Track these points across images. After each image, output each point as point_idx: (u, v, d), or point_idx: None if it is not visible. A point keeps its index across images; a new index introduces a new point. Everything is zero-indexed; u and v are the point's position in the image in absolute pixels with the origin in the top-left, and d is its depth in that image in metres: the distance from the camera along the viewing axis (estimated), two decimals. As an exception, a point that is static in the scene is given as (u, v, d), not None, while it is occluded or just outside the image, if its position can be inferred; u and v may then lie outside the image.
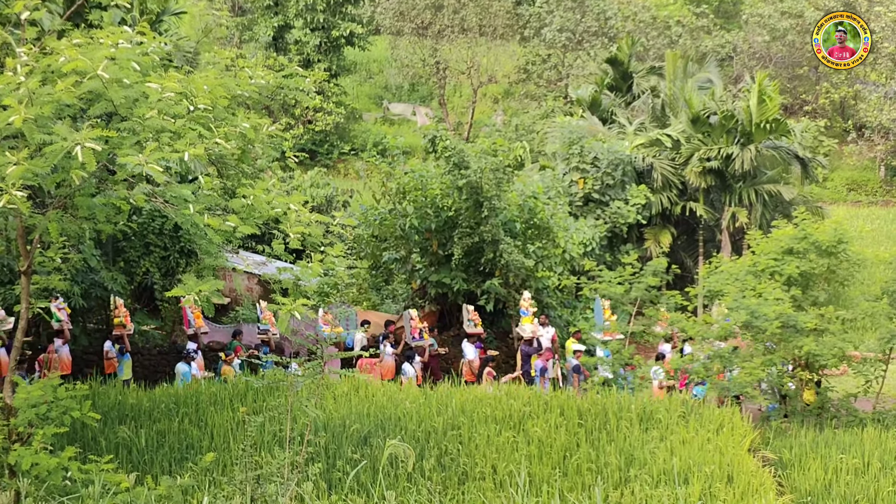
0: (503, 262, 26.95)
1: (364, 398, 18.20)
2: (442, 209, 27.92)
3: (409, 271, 29.57)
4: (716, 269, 22.86)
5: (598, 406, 17.36)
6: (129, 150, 10.96)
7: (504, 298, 27.56)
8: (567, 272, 29.26)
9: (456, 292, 27.87)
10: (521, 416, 16.75)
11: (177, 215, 11.73)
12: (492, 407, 17.17)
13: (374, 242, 29.80)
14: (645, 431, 16.40)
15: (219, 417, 16.74)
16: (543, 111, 51.32)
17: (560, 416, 16.74)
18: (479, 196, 26.72)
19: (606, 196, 34.91)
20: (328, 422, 15.93)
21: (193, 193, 11.72)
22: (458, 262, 27.48)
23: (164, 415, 17.06)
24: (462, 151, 27.20)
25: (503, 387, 19.64)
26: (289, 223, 12.45)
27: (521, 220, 28.59)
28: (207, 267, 15.03)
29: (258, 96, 14.25)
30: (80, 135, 10.46)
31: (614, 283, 22.96)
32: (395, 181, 28.65)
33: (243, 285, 29.98)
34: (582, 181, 34.75)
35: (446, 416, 16.63)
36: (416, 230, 27.99)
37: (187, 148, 11.05)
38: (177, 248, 25.09)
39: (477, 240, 27.07)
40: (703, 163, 34.83)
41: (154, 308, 27.25)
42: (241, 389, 18.39)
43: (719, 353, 20.05)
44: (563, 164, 35.75)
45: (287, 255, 13.74)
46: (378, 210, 29.25)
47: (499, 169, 26.92)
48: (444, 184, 27.75)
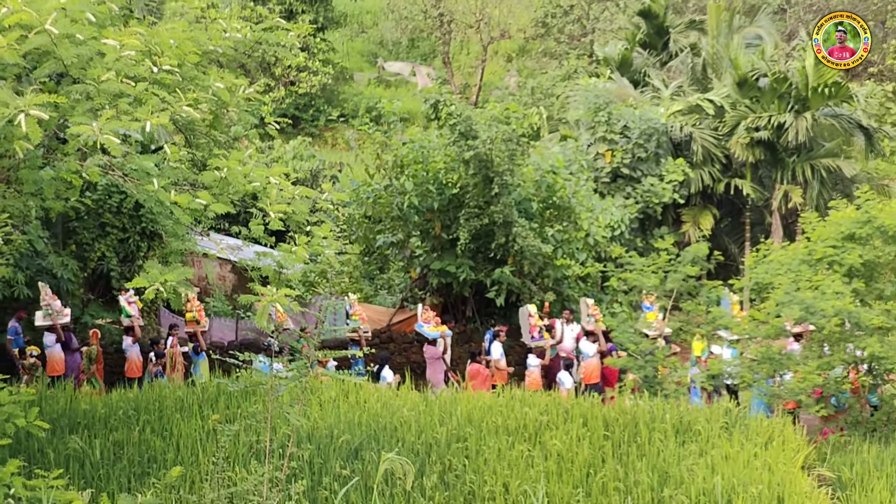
0: (517, 248, 26.97)
1: (355, 404, 18.16)
2: (446, 186, 27.94)
3: (407, 258, 29.60)
4: (764, 258, 22.83)
5: (626, 415, 17.30)
6: (81, 117, 10.89)
7: (518, 290, 27.61)
8: (591, 259, 29.27)
9: (461, 282, 27.94)
10: (538, 427, 16.70)
11: (138, 191, 11.66)
12: (503, 416, 17.13)
13: (366, 224, 29.81)
14: (682, 445, 16.34)
15: (186, 426, 16.67)
16: (564, 72, 51.29)
17: (583, 426, 16.70)
18: (488, 171, 26.74)
19: (638, 171, 34.91)
20: (313, 431, 15.90)
21: (157, 166, 11.70)
22: (465, 247, 27.50)
23: (122, 423, 16.99)
24: (469, 119, 27.17)
25: (516, 393, 19.62)
26: (269, 200, 12.37)
27: (537, 199, 28.62)
28: (174, 252, 14.93)
29: (233, 53, 14.23)
30: (24, 100, 10.36)
31: (646, 272, 22.95)
32: (392, 153, 28.70)
33: (215, 273, 30.03)
34: (609, 154, 34.73)
35: (450, 426, 16.58)
36: (416, 210, 28.03)
37: (149, 116, 10.98)
38: (137, 229, 25.10)
39: (486, 221, 27.09)
40: (750, 133, 34.79)
41: (111, 299, 27.25)
42: (212, 394, 18.35)
43: (769, 356, 20.03)
44: (587, 134, 35.74)
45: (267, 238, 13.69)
46: (371, 186, 29.27)
47: (512, 139, 26.94)
48: (449, 156, 27.77)
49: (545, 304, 26.99)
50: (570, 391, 22.38)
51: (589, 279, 29.75)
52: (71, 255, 24.56)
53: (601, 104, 35.64)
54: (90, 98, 11.25)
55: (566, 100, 42.50)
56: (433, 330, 25.06)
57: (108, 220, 24.80)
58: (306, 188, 12.80)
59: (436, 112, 29.21)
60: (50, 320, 22.70)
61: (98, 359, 23.03)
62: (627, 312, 25.69)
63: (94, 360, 22.89)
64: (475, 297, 28.67)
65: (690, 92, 39.00)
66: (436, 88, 30.92)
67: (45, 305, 22.83)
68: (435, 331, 25.02)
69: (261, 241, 13.93)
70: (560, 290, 28.11)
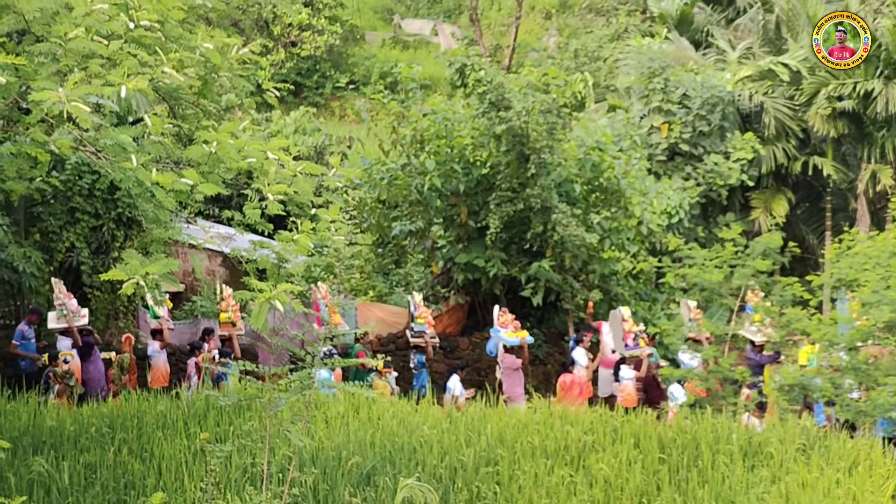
0: (556, 238, 26.88)
1: (367, 421, 18.12)
2: (473, 165, 27.92)
3: (427, 249, 29.58)
4: (848, 250, 22.73)
5: (685, 435, 17.28)
6: (45, 82, 10.85)
7: (558, 287, 27.55)
8: (644, 252, 29.22)
9: (492, 279, 27.92)
10: (581, 448, 16.68)
11: (113, 170, 11.64)
12: (541, 435, 17.11)
13: (380, 210, 29.80)
14: (750, 470, 16.31)
15: (169, 446, 16.65)
16: (613, 31, 51.22)
17: (634, 448, 16.68)
18: (523, 147, 26.71)
19: (699, 148, 34.86)
20: (318, 453, 15.84)
21: (136, 140, 11.65)
22: (496, 237, 27.44)
23: (95, 442, 16.99)
24: (501, 86, 27.14)
25: (555, 409, 19.57)
26: (266, 179, 12.30)
27: (581, 181, 28.56)
28: (156, 241, 14.83)
29: (224, 7, 14.20)
30: (-23, 62, 10.40)
31: (709, 266, 22.88)
32: (410, 126, 28.63)
33: (203, 266, 30.05)
34: (666, 127, 34.68)
35: (479, 447, 16.54)
36: (439, 193, 27.99)
37: (125, 80, 10.93)
38: (112, 215, 25.10)
39: (521, 207, 27.05)
40: (832, 103, 34.66)
41: (81, 296, 27.24)
42: (200, 409, 18.36)
43: (853, 365, 19.93)
44: (640, 104, 35.70)
45: (264, 224, 13.64)
46: (386, 165, 29.25)
47: (551, 110, 26.88)
48: (477, 130, 27.75)
49: (589, 304, 26.90)
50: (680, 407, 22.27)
51: (641, 275, 29.70)
52: (35, 246, 24.54)
53: (656, 69, 35.56)
54: (56, 60, 11.21)
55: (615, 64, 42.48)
56: (511, 335, 24.98)
57: (79, 204, 24.77)
58: (311, 164, 12.75)
59: (462, 78, 29.18)
60: (65, 322, 22.76)
61: (131, 367, 23.11)
62: (686, 314, 25.62)
63: (127, 368, 22.96)
64: (507, 297, 28.59)
65: (761, 55, 38.88)
66: (462, 50, 30.88)
67: (58, 305, 22.84)
68: (514, 336, 24.93)
69: (257, 228, 13.89)
70: (607, 287, 28.06)
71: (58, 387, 21.36)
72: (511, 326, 25.20)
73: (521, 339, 24.82)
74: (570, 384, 23.27)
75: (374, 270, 32.00)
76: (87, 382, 22.47)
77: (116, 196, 24.51)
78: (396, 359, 25.78)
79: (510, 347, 24.64)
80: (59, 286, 22.90)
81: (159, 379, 23.10)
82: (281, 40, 52.34)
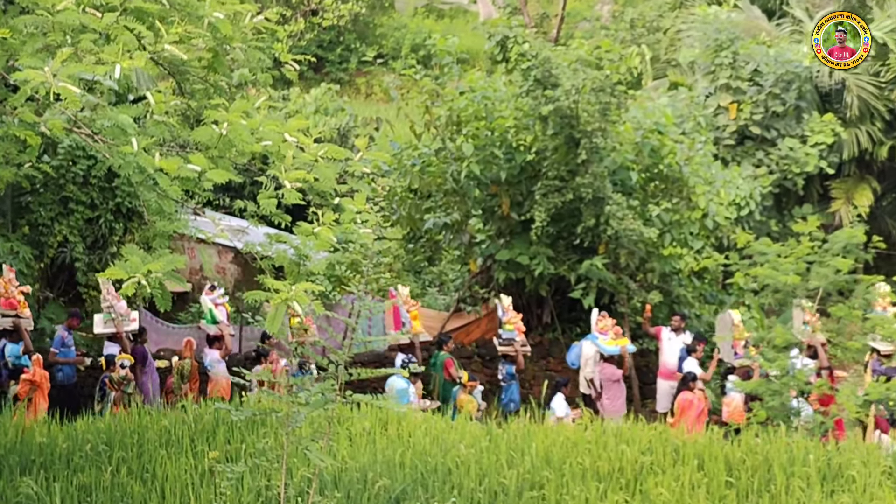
0: (610, 233, 26.84)
1: (396, 439, 18.14)
2: (516, 150, 27.95)
3: (464, 245, 29.61)
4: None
5: (756, 455, 17.24)
6: (31, 59, 10.86)
7: (612, 288, 27.56)
8: (710, 248, 29.13)
9: (537, 278, 27.90)
10: (638, 470, 16.67)
11: (112, 154, 11.66)
12: (592, 455, 17.09)
13: (411, 200, 29.84)
14: (829, 496, 16.26)
15: (174, 466, 16.72)
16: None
17: (698, 470, 16.65)
18: (573, 130, 26.68)
19: (773, 131, 34.74)
20: (342, 474, 15.85)
21: (137, 121, 11.65)
22: (541, 231, 27.33)
23: (91, 461, 17.05)
24: (548, 61, 27.11)
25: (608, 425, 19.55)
26: (283, 164, 12.31)
27: (638, 168, 28.53)
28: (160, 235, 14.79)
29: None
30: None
31: (784, 265, 22.76)
32: (446, 106, 28.65)
33: (213, 263, 30.11)
34: (735, 107, 34.60)
35: (522, 469, 16.51)
36: (477, 181, 28.00)
37: (121, 58, 10.94)
38: (110, 206, 25.23)
39: (570, 197, 27.00)
40: (924, 80, 34.51)
41: (75, 297, 27.34)
42: (208, 424, 18.42)
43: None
44: (705, 81, 35.62)
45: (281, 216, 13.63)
46: (418, 150, 29.27)
47: (604, 88, 26.83)
48: (521, 110, 27.75)
49: (646, 307, 26.82)
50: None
51: (706, 275, 29.61)
52: (23, 240, 24.65)
53: (724, 41, 35.44)
54: (43, 33, 11.19)
55: (677, 35, 42.33)
56: (611, 344, 25.10)
57: (72, 193, 24.89)
58: (334, 147, 12.75)
59: (503, 52, 29.19)
60: (112, 326, 22.84)
61: (192, 375, 23.18)
62: (758, 319, 25.42)
63: (188, 376, 23.08)
64: (554, 298, 28.61)
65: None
66: (503, 20, 30.87)
67: (106, 307, 22.93)
68: (613, 345, 25.07)
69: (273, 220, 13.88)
70: (668, 288, 28.00)
71: (114, 394, 21.41)
72: (611, 333, 25.28)
73: (622, 349, 25.01)
74: (688, 404, 22.94)
75: (404, 269, 32.01)
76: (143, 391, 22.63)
77: (115, 184, 24.63)
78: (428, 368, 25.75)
79: (609, 357, 24.74)
80: (108, 286, 22.95)
81: (220, 392, 23.01)
82: (300, 8, 52.52)
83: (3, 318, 22.84)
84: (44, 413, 21.16)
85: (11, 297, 22.90)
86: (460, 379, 23.67)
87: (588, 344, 25.57)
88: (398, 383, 22.51)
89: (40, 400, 21.89)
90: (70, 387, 22.84)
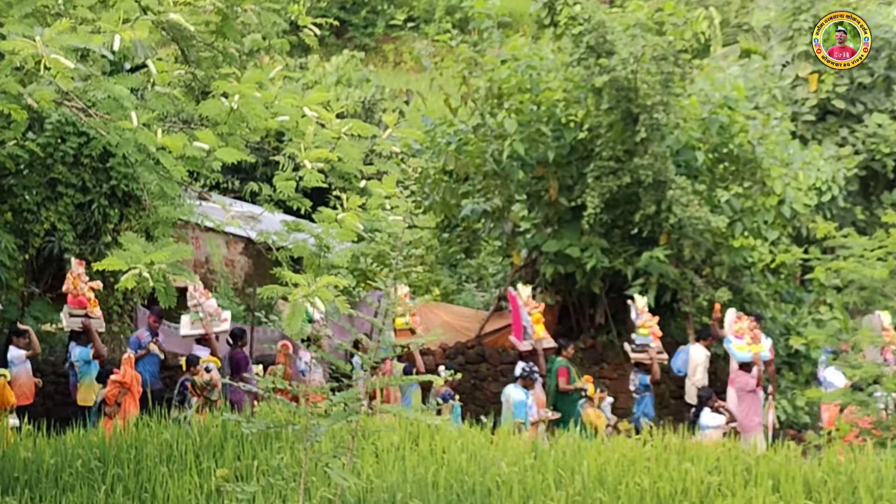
0: (673, 221, 27.01)
1: (428, 455, 18.09)
2: (566, 126, 28.13)
3: (506, 234, 29.73)
4: None
5: (839, 476, 17.10)
6: (18, 25, 11.01)
7: (674, 284, 27.73)
8: (787, 239, 29.20)
9: (589, 273, 27.97)
10: (705, 492, 16.64)
11: (107, 131, 11.83)
12: (652, 475, 17.06)
13: (446, 183, 30.09)
14: (922, 522, 16.33)
15: (176, 485, 16.72)
16: (749, -46, 51.07)
17: (773, 491, 16.58)
18: (631, 104, 26.87)
19: (859, 105, 34.72)
20: (366, 495, 15.90)
21: (136, 92, 11.81)
22: (594, 219, 27.45)
23: (82, 479, 17.14)
24: (602, 25, 27.30)
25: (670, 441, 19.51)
26: (302, 142, 12.37)
27: (705, 148, 28.66)
28: (162, 221, 14.84)
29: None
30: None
31: (870, 259, 22.93)
32: (485, 76, 28.82)
33: (221, 254, 30.20)
34: (815, 78, 34.61)
35: (572, 490, 16.50)
36: (522, 162, 28.20)
37: (118, 27, 11.05)
38: (104, 189, 25.26)
39: (627, 181, 27.16)
40: None
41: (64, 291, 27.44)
42: (216, 438, 18.41)
43: None
44: (781, 49, 35.62)
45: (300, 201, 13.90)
46: (454, 127, 29.47)
47: (667, 57, 27.02)
48: (571, 82, 27.94)
49: (715, 305, 26.75)
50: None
51: (782, 269, 29.60)
52: (6, 228, 24.70)
53: (803, 2, 35.42)
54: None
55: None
56: (743, 349, 24.88)
57: (61, 174, 24.90)
58: (359, 122, 12.81)
59: (551, 15, 29.35)
60: (201, 328, 23.30)
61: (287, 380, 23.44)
62: (842, 320, 25.49)
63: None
64: (609, 295, 28.87)
65: (942, -18, 38.80)
66: (552, -22, 31.03)
67: (193, 307, 23.32)
68: (746, 351, 24.84)
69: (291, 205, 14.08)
70: (738, 285, 28.16)
71: (195, 399, 21.65)
72: (747, 336, 24.95)
73: (754, 355, 24.66)
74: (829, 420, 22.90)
75: (437, 261, 32.03)
76: (235, 403, 22.79)
77: (110, 164, 24.65)
78: (466, 374, 25.79)
79: (743, 364, 24.63)
80: (196, 283, 23.20)
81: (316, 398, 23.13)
82: (320, -35, 52.58)
83: (72, 319, 23.19)
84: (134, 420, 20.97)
85: (81, 295, 23.29)
86: (585, 391, 23.94)
87: (697, 348, 25.81)
88: (516, 394, 22.80)
89: (131, 405, 22.17)
90: (155, 391, 23.04)
